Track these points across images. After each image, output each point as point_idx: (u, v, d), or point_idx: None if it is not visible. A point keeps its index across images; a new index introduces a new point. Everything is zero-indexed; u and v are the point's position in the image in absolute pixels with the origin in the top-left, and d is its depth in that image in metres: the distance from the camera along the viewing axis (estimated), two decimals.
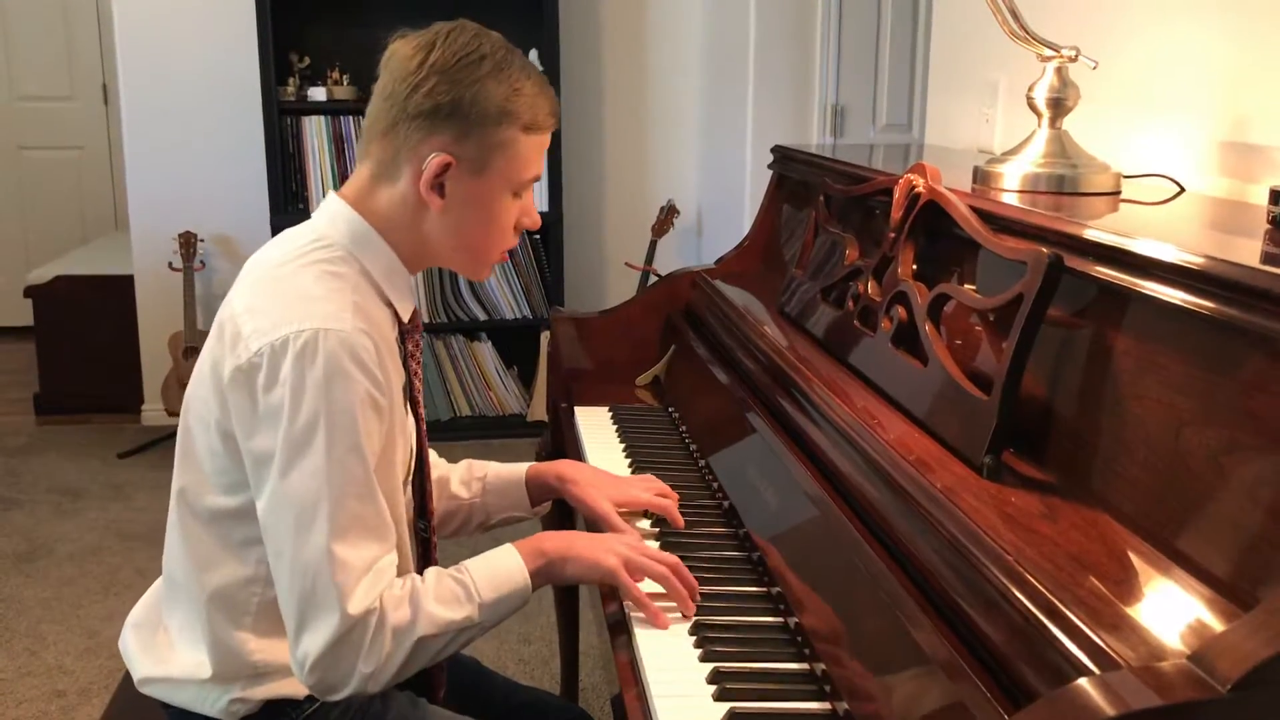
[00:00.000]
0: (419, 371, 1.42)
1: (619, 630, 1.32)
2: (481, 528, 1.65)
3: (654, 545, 1.51)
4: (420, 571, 1.43)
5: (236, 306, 1.28)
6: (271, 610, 1.29)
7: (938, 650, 0.99)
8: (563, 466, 1.63)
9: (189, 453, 1.33)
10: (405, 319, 1.37)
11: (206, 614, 1.32)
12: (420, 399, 1.43)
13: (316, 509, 1.20)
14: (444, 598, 1.27)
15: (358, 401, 1.21)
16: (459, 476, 1.63)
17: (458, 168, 1.29)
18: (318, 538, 1.20)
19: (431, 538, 1.47)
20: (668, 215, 4.41)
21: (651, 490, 1.59)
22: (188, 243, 4.22)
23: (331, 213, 1.33)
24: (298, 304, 1.23)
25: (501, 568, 1.32)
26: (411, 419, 1.41)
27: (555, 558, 1.34)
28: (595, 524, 1.55)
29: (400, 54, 1.30)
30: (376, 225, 1.32)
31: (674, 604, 1.32)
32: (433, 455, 1.64)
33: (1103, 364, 1.12)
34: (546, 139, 1.35)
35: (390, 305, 1.34)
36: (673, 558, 1.37)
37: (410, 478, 1.43)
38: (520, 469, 1.64)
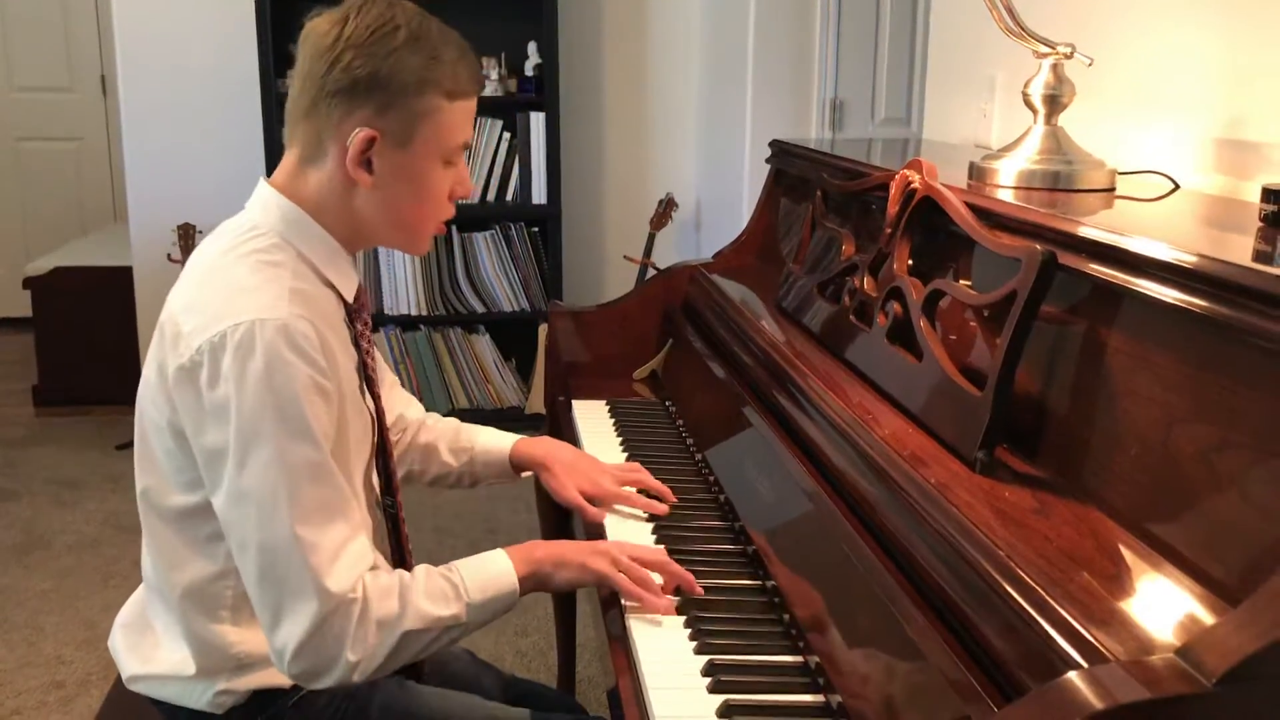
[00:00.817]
0: (371, 351, 1.41)
1: (615, 623, 1.33)
2: (471, 486, 1.71)
3: (648, 527, 1.55)
4: (391, 550, 1.44)
5: (174, 305, 1.28)
6: (248, 601, 1.28)
7: (930, 644, 1.00)
8: (543, 450, 1.67)
9: (147, 455, 1.33)
10: (350, 299, 1.37)
11: (182, 612, 1.33)
12: (376, 378, 1.42)
13: (276, 498, 1.19)
14: (433, 594, 1.27)
15: (301, 388, 1.21)
16: (447, 444, 1.67)
17: (383, 141, 1.28)
18: (281, 525, 1.19)
19: (399, 513, 1.48)
20: (666, 209, 4.41)
21: (621, 480, 1.63)
22: (186, 234, 4.22)
23: (263, 201, 1.33)
24: (233, 297, 1.23)
25: (491, 570, 1.32)
26: (369, 398, 1.40)
27: (546, 564, 1.35)
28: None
29: (315, 31, 1.29)
30: (308, 209, 1.31)
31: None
32: (419, 412, 1.68)
33: (1095, 360, 1.13)
34: (473, 104, 1.34)
35: (333, 287, 1.34)
36: (660, 552, 1.39)
37: (374, 456, 1.43)
38: (505, 447, 1.68)
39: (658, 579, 1.36)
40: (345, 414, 1.30)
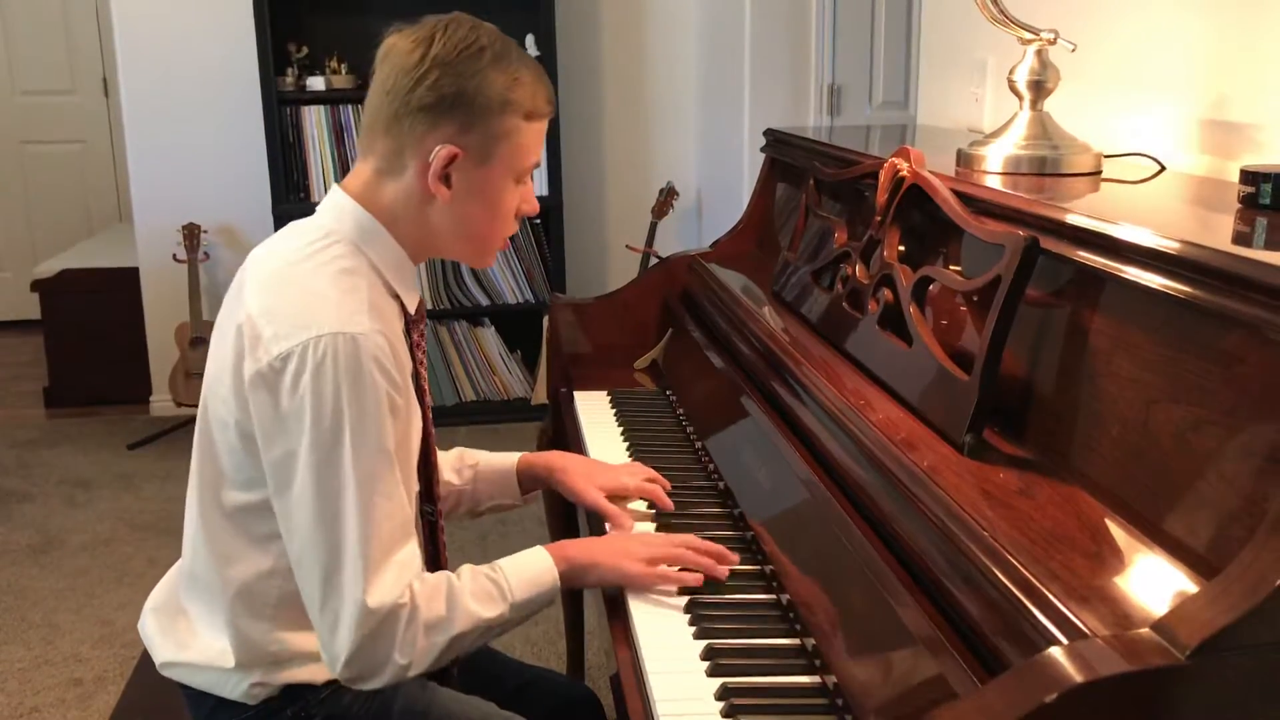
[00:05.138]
0: (423, 360, 1.45)
1: (616, 610, 1.36)
2: (470, 514, 1.70)
3: (650, 527, 1.55)
4: (427, 559, 1.47)
5: (253, 307, 1.29)
6: (292, 601, 1.31)
7: (919, 624, 1.02)
8: (552, 457, 1.67)
9: (207, 450, 1.35)
10: (412, 310, 1.40)
11: (229, 606, 1.35)
12: (426, 387, 1.46)
13: (344, 510, 1.23)
14: (479, 595, 1.31)
15: (377, 403, 1.24)
16: (450, 464, 1.67)
17: (464, 158, 1.31)
18: (347, 538, 1.23)
19: (438, 520, 1.51)
20: (667, 197, 4.43)
21: (638, 476, 1.63)
22: (191, 234, 4.26)
23: (338, 208, 1.36)
24: (315, 307, 1.26)
25: (533, 568, 1.36)
26: (418, 406, 1.43)
27: (579, 564, 1.38)
28: (589, 512, 1.60)
29: (399, 48, 1.32)
30: (382, 219, 1.35)
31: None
32: None
33: (1079, 343, 1.15)
34: (545, 126, 1.38)
35: (397, 297, 1.37)
36: (685, 537, 1.42)
37: (419, 463, 1.45)
38: (511, 459, 1.68)
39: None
40: (407, 424, 1.33)
